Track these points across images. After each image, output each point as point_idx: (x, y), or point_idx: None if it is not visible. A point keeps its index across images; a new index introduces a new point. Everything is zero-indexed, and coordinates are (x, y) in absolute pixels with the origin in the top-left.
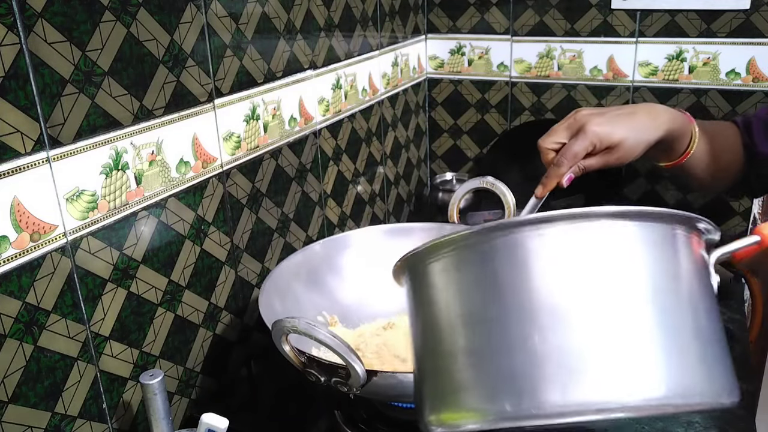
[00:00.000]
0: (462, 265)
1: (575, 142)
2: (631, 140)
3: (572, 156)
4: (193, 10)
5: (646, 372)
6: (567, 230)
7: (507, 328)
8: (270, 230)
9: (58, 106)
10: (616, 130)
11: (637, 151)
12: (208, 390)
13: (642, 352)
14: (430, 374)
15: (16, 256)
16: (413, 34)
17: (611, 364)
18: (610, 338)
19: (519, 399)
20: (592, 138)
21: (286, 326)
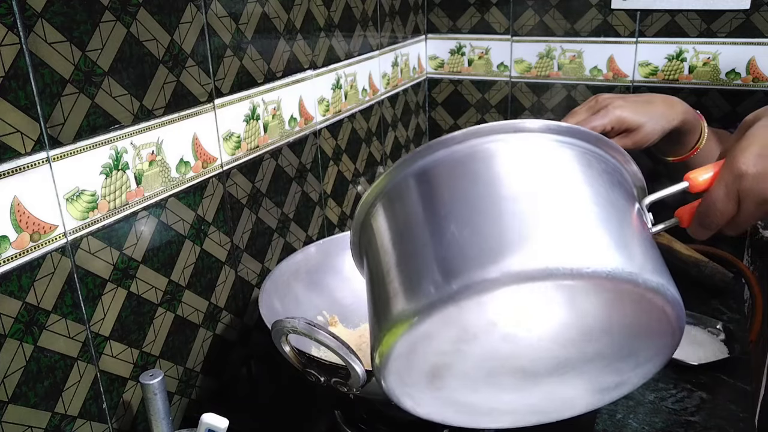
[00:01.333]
0: (391, 202)
1: (595, 118)
2: (649, 126)
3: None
4: (193, 10)
5: (584, 241)
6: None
7: (430, 224)
8: (270, 230)
9: (58, 106)
10: (636, 114)
11: (654, 137)
12: (208, 390)
13: (581, 225)
14: (371, 319)
15: (16, 256)
16: (413, 34)
17: (553, 231)
18: (550, 211)
19: (445, 279)
20: (612, 117)
21: (286, 327)
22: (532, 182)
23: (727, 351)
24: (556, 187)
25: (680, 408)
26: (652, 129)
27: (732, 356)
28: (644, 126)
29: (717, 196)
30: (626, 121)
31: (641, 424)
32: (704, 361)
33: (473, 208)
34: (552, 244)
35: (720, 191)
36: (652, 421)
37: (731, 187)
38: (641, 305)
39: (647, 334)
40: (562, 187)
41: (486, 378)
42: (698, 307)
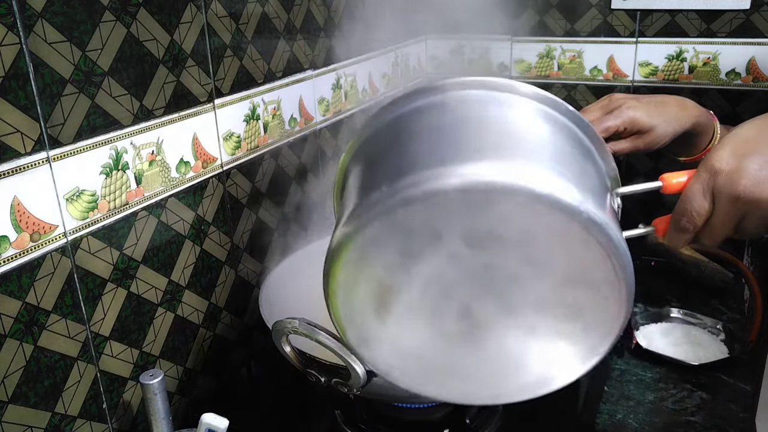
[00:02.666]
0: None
1: (608, 118)
2: (661, 128)
3: (603, 129)
4: (193, 10)
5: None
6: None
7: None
8: (270, 230)
9: (58, 106)
10: (649, 116)
11: (665, 139)
12: (208, 390)
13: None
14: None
15: (16, 256)
16: (413, 34)
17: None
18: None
19: (393, 181)
20: (624, 118)
21: (286, 327)
22: (504, 122)
23: (727, 351)
24: (527, 131)
25: (680, 408)
26: (664, 131)
27: (732, 356)
28: (656, 128)
29: (692, 193)
30: (639, 123)
31: (641, 424)
32: (704, 361)
33: (438, 129)
34: (506, 162)
35: (695, 188)
36: (652, 421)
37: (706, 185)
38: (584, 245)
39: (591, 285)
40: (533, 133)
41: (432, 317)
42: (698, 307)
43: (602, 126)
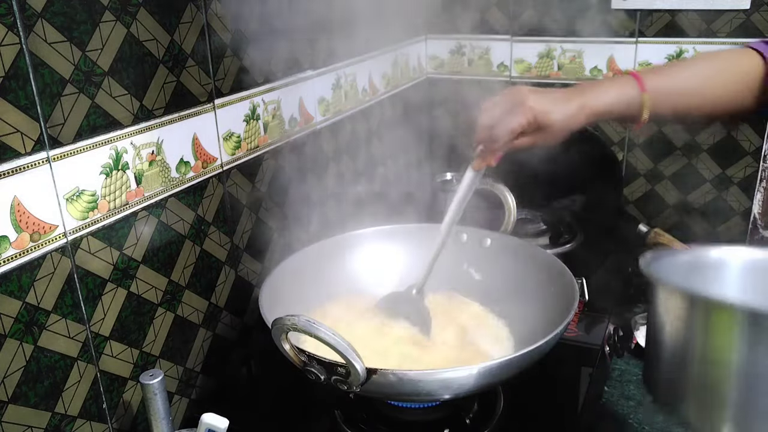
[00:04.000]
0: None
1: (513, 118)
2: (559, 125)
3: (509, 132)
4: (193, 10)
5: None
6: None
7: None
8: (270, 230)
9: (58, 106)
10: (551, 113)
11: (561, 137)
12: (208, 390)
13: None
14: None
15: (16, 256)
16: (413, 34)
17: None
18: None
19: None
20: (528, 115)
21: (285, 324)
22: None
23: None
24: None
25: None
26: (561, 129)
27: None
28: (556, 124)
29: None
30: (541, 119)
31: (641, 424)
32: None
33: None
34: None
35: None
36: (652, 421)
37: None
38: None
39: None
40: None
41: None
42: None
43: (508, 128)
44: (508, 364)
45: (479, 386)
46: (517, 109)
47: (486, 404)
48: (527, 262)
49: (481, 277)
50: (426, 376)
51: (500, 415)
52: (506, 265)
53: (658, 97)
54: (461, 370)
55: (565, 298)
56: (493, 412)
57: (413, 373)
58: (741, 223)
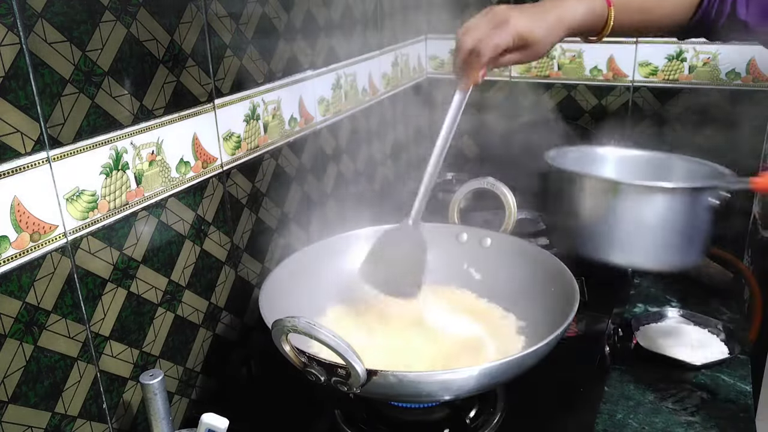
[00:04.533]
0: None
1: (497, 34)
2: (542, 41)
3: (494, 47)
4: (193, 10)
5: None
6: None
7: None
8: (270, 230)
9: (58, 106)
10: (534, 29)
11: (545, 51)
12: (208, 390)
13: None
14: None
15: (16, 256)
16: (413, 34)
17: None
18: None
19: None
20: (513, 33)
21: (286, 326)
22: None
23: (727, 351)
24: None
25: (680, 408)
26: (545, 44)
27: (732, 356)
28: (540, 41)
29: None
30: (525, 36)
31: (641, 424)
32: (704, 361)
33: None
34: None
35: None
36: (652, 421)
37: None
38: None
39: None
40: None
41: None
42: (698, 307)
43: (492, 43)
44: (508, 365)
45: (479, 387)
46: (501, 27)
47: (486, 404)
48: (527, 261)
49: (481, 276)
50: (426, 377)
51: (500, 415)
52: (506, 265)
53: (619, 10)
54: (461, 371)
55: (565, 298)
56: (493, 412)
57: (413, 375)
58: (741, 223)
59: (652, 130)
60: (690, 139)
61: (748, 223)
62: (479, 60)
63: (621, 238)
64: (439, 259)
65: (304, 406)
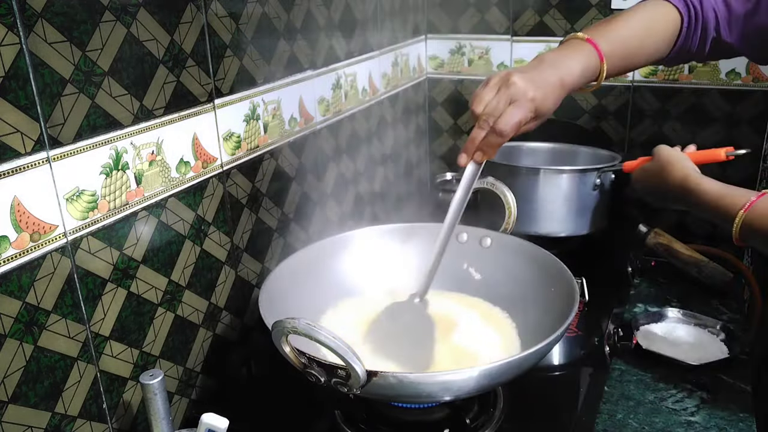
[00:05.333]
0: None
1: (518, 111)
2: (550, 108)
3: (516, 126)
4: (193, 10)
5: None
6: None
7: None
8: (270, 230)
9: (58, 106)
10: (546, 100)
11: (551, 113)
12: (208, 390)
13: None
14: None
15: (16, 256)
16: (413, 34)
17: None
18: None
19: None
20: (530, 107)
21: (286, 327)
22: None
23: (727, 351)
24: None
25: (680, 408)
26: (550, 110)
27: (732, 356)
28: (548, 112)
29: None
30: (539, 110)
31: (641, 424)
32: (704, 361)
33: None
34: None
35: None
36: (652, 421)
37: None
38: None
39: None
40: None
41: None
42: (698, 307)
43: (515, 120)
44: (508, 366)
45: (479, 388)
46: (520, 102)
47: (486, 404)
48: (527, 262)
49: (481, 276)
50: (426, 378)
51: (500, 415)
52: (506, 265)
53: (610, 61)
54: (461, 372)
55: (565, 298)
56: (493, 412)
57: (413, 376)
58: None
59: (653, 130)
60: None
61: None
62: (501, 140)
63: (536, 213)
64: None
65: (304, 407)
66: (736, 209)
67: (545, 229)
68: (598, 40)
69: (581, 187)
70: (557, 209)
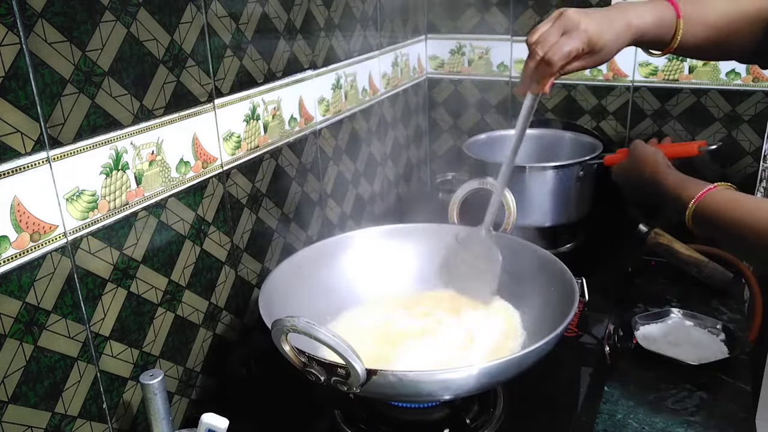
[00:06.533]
0: None
1: (568, 41)
2: (610, 46)
3: (565, 55)
4: (193, 10)
5: None
6: None
7: None
8: (270, 230)
9: (58, 106)
10: (602, 35)
11: (610, 57)
12: (208, 390)
13: None
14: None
15: (16, 256)
16: (413, 34)
17: None
18: None
19: None
20: (583, 39)
21: (285, 325)
22: None
23: (727, 351)
24: None
25: (680, 408)
26: (612, 49)
27: (732, 356)
28: (606, 45)
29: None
30: (595, 42)
31: (641, 424)
32: (704, 361)
33: None
34: None
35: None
36: (652, 421)
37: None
38: None
39: None
40: None
41: None
42: (698, 307)
43: (565, 50)
44: (508, 364)
45: (479, 387)
46: (571, 33)
47: (486, 404)
48: (527, 261)
49: None
50: (426, 376)
51: (500, 415)
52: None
53: (688, 24)
54: (461, 370)
55: (565, 298)
56: (493, 412)
57: (413, 374)
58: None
59: (653, 130)
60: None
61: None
62: (550, 69)
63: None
64: (439, 259)
65: (304, 406)
66: (689, 200)
67: (532, 221)
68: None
69: (565, 180)
70: (544, 202)
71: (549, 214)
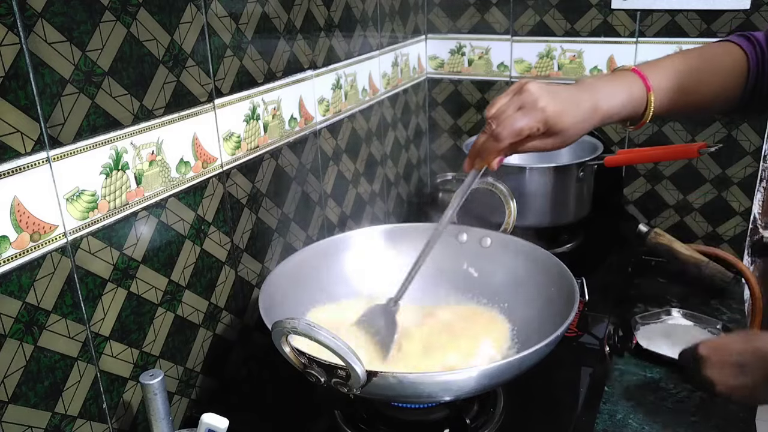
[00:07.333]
0: None
1: (522, 118)
2: (571, 129)
3: (515, 132)
4: (193, 10)
5: None
6: None
7: None
8: (270, 230)
9: (58, 106)
10: (563, 117)
11: (572, 141)
12: (208, 390)
13: None
14: None
15: (16, 256)
16: (413, 34)
17: None
18: None
19: None
20: (539, 117)
21: (285, 327)
22: None
23: None
24: None
25: (680, 408)
26: (573, 134)
27: None
28: (568, 130)
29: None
30: (551, 125)
31: (641, 424)
32: None
33: None
34: None
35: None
36: (652, 421)
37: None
38: None
39: None
40: None
41: None
42: (698, 307)
43: (516, 127)
44: (508, 366)
45: (479, 388)
46: (527, 110)
47: (486, 404)
48: (527, 262)
49: (481, 276)
50: (426, 378)
51: (500, 415)
52: (506, 265)
53: (660, 95)
54: (461, 372)
55: (565, 298)
56: (493, 412)
57: (413, 376)
58: (741, 223)
59: (653, 130)
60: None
61: (748, 223)
62: (497, 145)
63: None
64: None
65: (304, 407)
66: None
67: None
68: (646, 71)
69: (565, 180)
70: (543, 202)
71: (549, 215)
